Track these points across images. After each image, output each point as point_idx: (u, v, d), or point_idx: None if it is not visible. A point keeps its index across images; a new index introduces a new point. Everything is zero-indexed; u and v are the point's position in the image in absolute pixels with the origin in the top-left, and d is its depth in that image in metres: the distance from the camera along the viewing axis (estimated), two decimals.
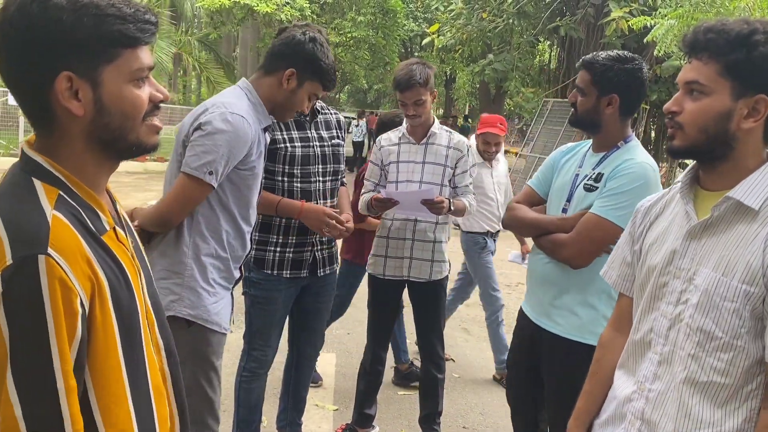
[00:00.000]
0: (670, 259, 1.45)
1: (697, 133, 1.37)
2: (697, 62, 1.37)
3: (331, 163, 2.82)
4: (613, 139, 2.25)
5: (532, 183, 2.51)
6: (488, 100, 20.40)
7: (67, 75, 1.00)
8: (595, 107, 2.21)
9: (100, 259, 1.02)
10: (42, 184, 1.02)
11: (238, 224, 2.25)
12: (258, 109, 2.25)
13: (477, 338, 5.12)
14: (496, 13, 13.36)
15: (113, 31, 1.01)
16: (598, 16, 11.94)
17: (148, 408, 1.13)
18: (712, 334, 1.35)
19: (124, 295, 1.06)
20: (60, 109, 1.02)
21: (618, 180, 2.16)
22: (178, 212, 2.12)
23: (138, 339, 1.11)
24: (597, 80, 2.19)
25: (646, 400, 1.47)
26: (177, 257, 2.15)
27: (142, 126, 1.09)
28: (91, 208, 1.07)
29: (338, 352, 4.60)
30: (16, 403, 0.91)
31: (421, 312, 3.26)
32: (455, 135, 3.18)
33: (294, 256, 2.76)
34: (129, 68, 1.05)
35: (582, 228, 2.18)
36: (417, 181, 3.08)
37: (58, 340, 0.93)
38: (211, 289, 2.20)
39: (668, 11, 8.15)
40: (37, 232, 0.95)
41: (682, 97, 1.41)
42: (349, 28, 19.04)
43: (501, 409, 3.87)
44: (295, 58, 2.27)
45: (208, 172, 2.07)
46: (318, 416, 3.63)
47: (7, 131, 14.38)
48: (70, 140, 1.05)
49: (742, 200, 1.35)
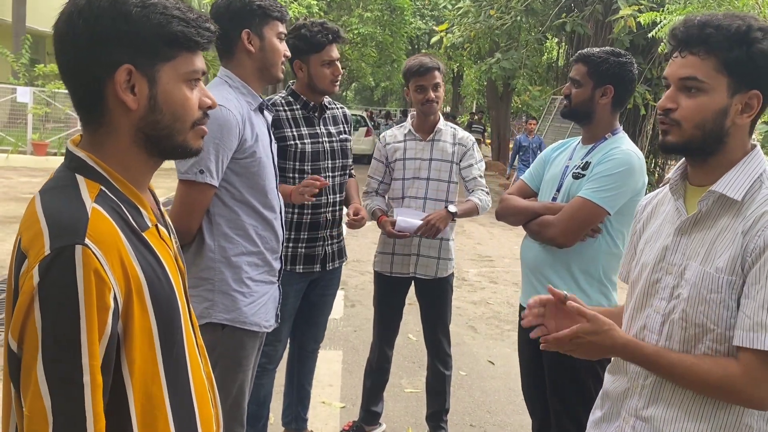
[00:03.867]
0: (662, 256, 1.46)
1: (693, 130, 1.36)
2: (693, 57, 1.34)
3: (339, 158, 2.86)
4: (603, 130, 2.39)
5: (525, 177, 2.67)
6: (496, 98, 20.37)
7: (128, 68, 1.03)
8: (590, 98, 2.34)
9: (140, 255, 1.03)
10: (85, 179, 1.04)
11: (261, 214, 2.18)
12: (243, 92, 2.16)
13: (484, 336, 5.11)
14: (504, 11, 13.31)
15: (176, 32, 1.06)
16: (606, 12, 11.88)
17: (189, 410, 1.12)
18: (706, 327, 1.35)
19: (164, 293, 1.06)
20: (114, 101, 1.05)
21: (603, 165, 2.29)
22: (188, 220, 2.06)
23: (179, 339, 1.10)
24: (593, 71, 2.33)
25: (639, 396, 1.47)
26: (204, 264, 2.11)
27: (190, 131, 1.12)
28: (132, 204, 1.08)
29: (345, 350, 4.60)
30: (46, 396, 0.91)
31: (427, 309, 3.25)
32: (459, 131, 3.19)
33: (306, 251, 2.80)
34: (185, 69, 1.09)
35: (568, 208, 2.30)
36: (424, 178, 3.07)
37: (88, 334, 0.93)
38: (246, 290, 2.15)
39: (677, 8, 8.11)
40: (76, 223, 0.96)
41: (675, 94, 1.38)
42: (356, 24, 19.04)
43: (508, 406, 3.87)
44: (237, 20, 2.13)
45: (199, 171, 2.00)
46: (325, 413, 3.63)
47: (16, 129, 14.45)
48: (118, 135, 1.07)
49: (725, 192, 1.36)
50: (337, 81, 2.78)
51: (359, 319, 5.23)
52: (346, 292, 5.98)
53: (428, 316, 3.26)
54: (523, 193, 2.61)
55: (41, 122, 14.01)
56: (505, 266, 7.48)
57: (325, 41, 2.68)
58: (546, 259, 2.41)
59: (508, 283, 6.69)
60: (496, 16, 13.26)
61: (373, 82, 33.42)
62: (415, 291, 3.25)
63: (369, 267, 6.44)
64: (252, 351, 2.22)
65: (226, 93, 2.11)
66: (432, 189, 3.07)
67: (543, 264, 2.42)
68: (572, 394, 2.38)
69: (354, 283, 6.32)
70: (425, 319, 3.28)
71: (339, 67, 2.78)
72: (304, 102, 2.78)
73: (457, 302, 4.74)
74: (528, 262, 2.51)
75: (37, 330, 0.91)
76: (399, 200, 3.12)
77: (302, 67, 2.73)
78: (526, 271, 2.54)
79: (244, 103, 2.14)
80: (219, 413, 1.26)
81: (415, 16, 22.36)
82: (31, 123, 13.69)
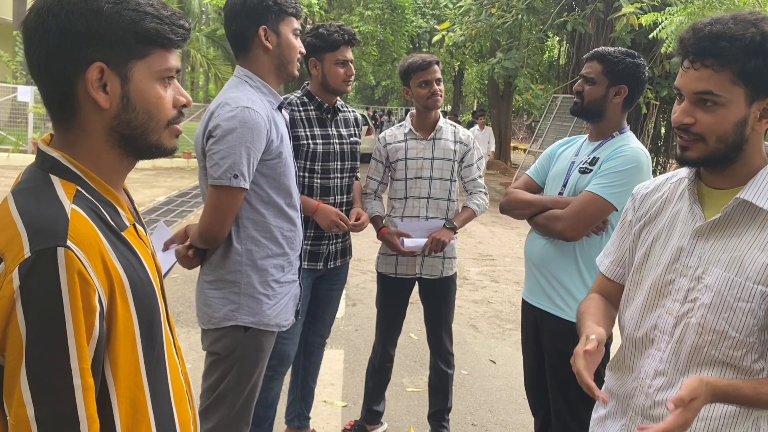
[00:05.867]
0: (677, 257, 1.45)
1: (716, 144, 1.34)
2: (707, 70, 1.30)
3: (348, 160, 2.92)
4: (612, 128, 2.41)
5: (530, 172, 2.67)
6: (497, 97, 20.35)
7: (100, 66, 1.01)
8: (604, 96, 2.37)
9: (120, 255, 1.01)
10: (60, 180, 1.01)
11: (287, 215, 2.19)
12: (264, 91, 2.15)
13: (485, 335, 5.11)
14: (505, 9, 13.30)
15: (149, 29, 1.03)
16: (607, 11, 11.87)
17: (168, 412, 1.11)
18: (725, 334, 1.35)
19: (145, 293, 1.04)
20: (86, 100, 1.02)
21: (613, 161, 2.31)
22: (220, 225, 2.05)
23: (159, 339, 1.09)
24: (609, 70, 2.35)
25: (646, 396, 1.47)
26: (231, 266, 2.10)
27: (165, 130, 1.10)
28: (110, 204, 1.06)
29: (347, 349, 4.59)
30: (29, 404, 0.88)
31: (431, 309, 3.25)
32: (460, 129, 3.19)
33: (311, 248, 2.84)
34: (158, 67, 1.06)
35: (577, 203, 2.31)
36: (427, 178, 3.06)
37: (76, 336, 0.91)
38: (272, 292, 2.16)
39: (678, 9, 8.09)
40: (56, 225, 0.94)
41: (691, 108, 1.34)
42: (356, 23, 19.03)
43: (510, 405, 3.86)
44: (254, 17, 2.10)
45: (233, 176, 1.99)
46: (326, 413, 3.63)
47: (16, 128, 14.46)
48: (90, 135, 1.05)
49: (754, 202, 1.35)
50: (350, 81, 2.82)
51: (361, 318, 5.23)
52: (348, 291, 5.97)
53: (432, 316, 3.25)
54: (529, 187, 2.62)
55: (42, 121, 14.02)
56: (507, 265, 7.47)
57: (341, 41, 2.74)
58: (553, 254, 2.42)
59: (510, 282, 6.68)
60: (497, 14, 13.24)
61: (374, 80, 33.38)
62: (419, 291, 3.25)
63: (370, 266, 6.45)
64: (268, 351, 2.23)
65: (249, 94, 2.08)
66: (435, 188, 3.07)
67: (549, 259, 2.43)
68: (574, 391, 2.38)
69: (355, 282, 6.31)
70: (428, 319, 3.27)
71: (352, 68, 2.83)
72: (318, 103, 2.83)
73: (458, 301, 4.72)
74: (533, 258, 2.52)
75: (21, 335, 0.89)
76: (401, 200, 3.11)
77: (317, 65, 2.78)
78: (530, 267, 2.55)
79: (267, 103, 2.13)
80: (196, 415, 1.24)
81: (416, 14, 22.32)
82: (32, 122, 13.70)
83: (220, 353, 2.13)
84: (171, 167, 13.57)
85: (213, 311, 2.12)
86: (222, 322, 2.11)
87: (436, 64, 3.03)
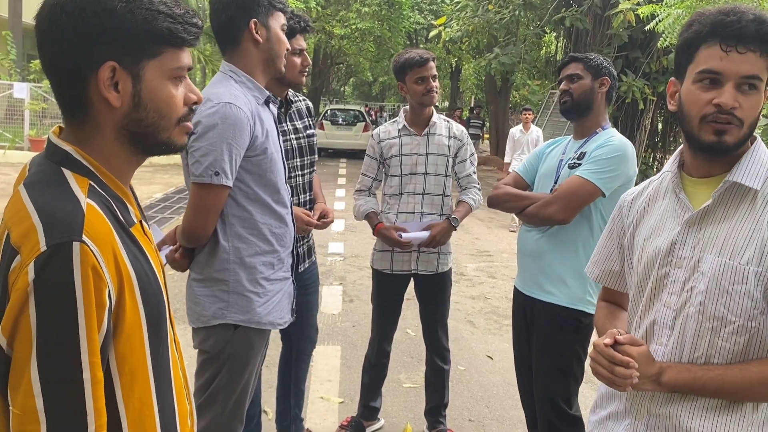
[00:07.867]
0: (669, 250, 1.44)
1: (747, 129, 1.35)
2: (752, 55, 1.31)
3: (307, 155, 2.81)
4: (596, 125, 2.53)
5: (519, 170, 2.76)
6: (494, 93, 20.34)
7: (112, 65, 1.01)
8: (592, 88, 2.49)
9: (129, 251, 1.02)
10: (72, 173, 1.01)
11: (275, 212, 2.13)
12: (249, 86, 2.09)
13: (482, 331, 5.12)
14: (503, 5, 13.27)
15: (162, 28, 1.03)
16: (604, 7, 11.85)
17: (170, 405, 1.12)
18: (725, 319, 1.35)
19: (152, 289, 1.05)
20: (97, 98, 1.03)
21: (600, 150, 2.41)
22: (203, 223, 2.01)
23: (164, 334, 1.10)
24: (589, 66, 2.50)
25: (652, 394, 1.46)
26: (219, 265, 2.07)
27: (175, 127, 1.10)
28: (120, 200, 1.07)
29: (343, 345, 4.60)
30: (38, 395, 0.89)
31: (427, 304, 3.25)
32: (453, 124, 3.18)
33: None
34: (170, 66, 1.06)
35: (566, 186, 2.40)
36: (422, 174, 3.06)
37: (88, 330, 0.92)
38: (261, 290, 2.12)
39: (676, 1, 8.08)
40: (72, 219, 0.94)
41: (734, 91, 1.32)
42: (354, 19, 18.99)
43: (506, 401, 3.87)
44: (245, 10, 2.05)
45: (214, 173, 1.94)
46: (323, 409, 3.63)
47: (13, 125, 14.42)
48: (102, 132, 1.05)
49: (743, 182, 1.36)
50: (305, 71, 2.69)
51: (357, 314, 5.23)
52: (345, 287, 5.98)
53: (427, 312, 3.26)
54: (518, 184, 2.69)
55: (38, 118, 14.00)
56: (504, 261, 7.48)
57: (297, 28, 2.58)
58: (547, 246, 2.49)
59: (507, 278, 6.69)
60: (494, 10, 13.23)
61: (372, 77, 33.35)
62: (414, 287, 3.25)
63: (367, 262, 6.44)
64: (260, 349, 2.20)
65: (233, 89, 2.03)
66: (429, 184, 3.06)
67: (546, 249, 2.49)
68: (555, 378, 2.47)
69: (352, 278, 6.32)
70: (424, 314, 3.27)
71: (307, 57, 2.70)
72: None
73: (455, 297, 4.72)
74: (528, 250, 2.57)
75: (31, 328, 0.90)
76: (396, 197, 3.10)
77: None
78: (525, 259, 2.60)
79: (252, 98, 2.07)
80: (193, 409, 1.25)
81: (413, 10, 22.30)
82: (28, 119, 13.66)
83: (209, 352, 2.12)
84: (168, 164, 13.54)
85: (202, 309, 2.09)
86: (211, 320, 2.09)
87: (432, 60, 3.02)
